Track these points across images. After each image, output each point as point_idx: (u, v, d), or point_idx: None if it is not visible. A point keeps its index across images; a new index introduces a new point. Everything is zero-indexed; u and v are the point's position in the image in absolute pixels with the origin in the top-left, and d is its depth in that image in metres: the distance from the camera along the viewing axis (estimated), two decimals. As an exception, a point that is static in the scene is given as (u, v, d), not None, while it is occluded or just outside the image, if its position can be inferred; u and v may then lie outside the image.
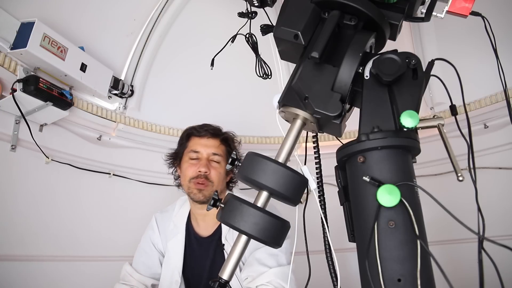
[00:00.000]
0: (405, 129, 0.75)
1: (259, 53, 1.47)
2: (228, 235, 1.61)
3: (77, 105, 2.17)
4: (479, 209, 0.74)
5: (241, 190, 1.85)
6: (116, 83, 2.30)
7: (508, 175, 2.22)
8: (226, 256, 1.55)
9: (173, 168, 1.81)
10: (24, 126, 1.89)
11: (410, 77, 0.80)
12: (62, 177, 2.11)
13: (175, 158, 1.79)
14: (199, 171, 1.62)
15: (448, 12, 0.83)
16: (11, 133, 1.87)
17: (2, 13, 1.76)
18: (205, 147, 1.67)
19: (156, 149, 2.45)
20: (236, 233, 0.80)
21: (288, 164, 0.82)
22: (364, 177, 0.74)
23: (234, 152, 0.86)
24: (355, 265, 0.75)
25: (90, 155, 2.26)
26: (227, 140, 1.73)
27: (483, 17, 0.89)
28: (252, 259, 1.52)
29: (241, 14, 1.38)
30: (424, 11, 0.86)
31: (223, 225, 1.64)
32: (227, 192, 1.79)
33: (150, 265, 1.73)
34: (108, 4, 2.24)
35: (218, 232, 1.66)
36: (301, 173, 0.81)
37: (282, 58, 0.95)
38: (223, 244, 1.60)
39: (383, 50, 0.85)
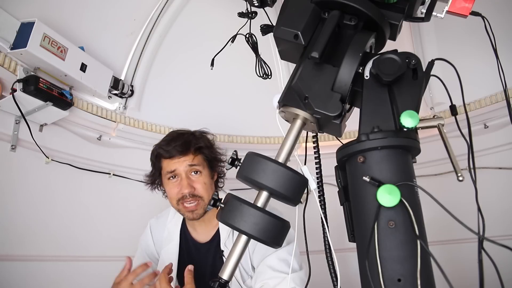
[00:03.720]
0: (405, 129, 0.75)
1: (259, 53, 1.47)
2: (228, 242, 1.57)
3: (77, 105, 2.17)
4: (479, 209, 0.74)
5: (231, 191, 1.83)
6: (116, 83, 2.30)
7: (508, 175, 2.22)
8: None
9: (155, 187, 1.72)
10: (24, 126, 1.89)
11: (410, 77, 0.80)
12: (62, 177, 2.11)
13: (154, 181, 1.69)
14: (183, 193, 1.53)
15: (448, 12, 0.83)
16: (11, 133, 1.87)
17: (2, 13, 1.76)
18: (179, 163, 1.55)
19: (156, 149, 2.45)
20: (235, 238, 0.80)
21: (288, 164, 0.82)
22: (364, 177, 0.74)
23: (234, 152, 0.86)
24: (355, 265, 0.75)
25: (90, 155, 2.26)
26: (200, 149, 1.60)
27: (483, 17, 0.89)
28: (264, 267, 1.46)
29: (241, 14, 1.38)
30: (424, 11, 0.86)
31: (221, 231, 1.59)
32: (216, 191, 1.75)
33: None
34: (108, 4, 2.24)
35: (216, 237, 1.62)
36: (301, 173, 0.81)
37: (282, 58, 0.95)
38: (223, 251, 1.56)
39: (383, 50, 0.85)
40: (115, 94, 2.39)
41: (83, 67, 2.04)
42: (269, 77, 1.55)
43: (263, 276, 1.45)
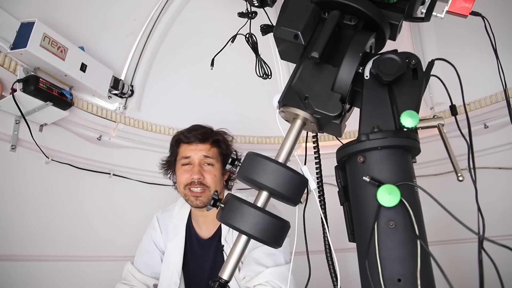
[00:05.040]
0: (405, 129, 0.75)
1: (259, 53, 1.46)
2: (228, 237, 1.61)
3: (77, 105, 2.17)
4: (479, 209, 0.74)
5: (238, 190, 1.84)
6: (116, 83, 2.30)
7: (508, 175, 2.22)
8: (225, 257, 1.55)
9: (169, 174, 1.79)
10: (24, 126, 1.88)
11: (410, 77, 0.80)
12: (62, 177, 2.11)
13: (169, 166, 1.77)
14: (193, 178, 1.60)
15: (448, 12, 0.83)
16: (11, 133, 1.87)
17: (2, 13, 1.76)
18: (195, 151, 1.64)
19: (156, 149, 2.45)
20: (235, 234, 0.80)
21: (288, 164, 0.82)
22: (364, 177, 0.74)
23: (234, 152, 0.86)
24: (355, 265, 0.75)
25: (90, 155, 2.26)
26: (218, 142, 1.69)
27: (483, 17, 0.89)
28: (249, 259, 1.51)
29: (241, 14, 1.38)
30: (424, 11, 0.86)
31: (223, 226, 1.63)
32: (226, 191, 1.78)
33: (152, 265, 1.73)
34: (108, 4, 2.24)
35: (218, 233, 1.66)
36: (301, 173, 0.81)
37: (282, 58, 0.95)
38: (223, 245, 1.59)
39: (383, 50, 0.85)
40: (115, 94, 2.39)
41: (83, 67, 2.04)
42: (269, 77, 1.54)
43: (247, 267, 1.50)
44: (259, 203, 0.80)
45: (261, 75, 1.51)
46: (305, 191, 0.81)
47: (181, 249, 1.67)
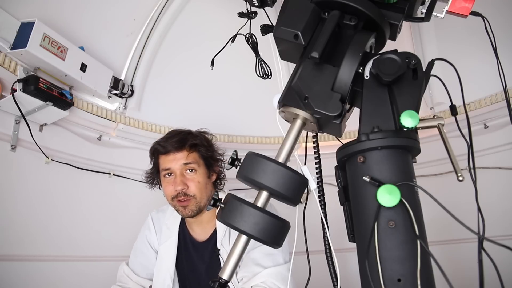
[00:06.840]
0: (405, 129, 0.75)
1: (259, 53, 1.47)
2: (224, 241, 1.58)
3: (77, 105, 2.16)
4: (479, 209, 0.74)
5: (235, 191, 1.83)
6: (116, 83, 2.30)
7: (508, 175, 2.22)
8: (221, 261, 1.55)
9: (156, 185, 1.76)
10: (24, 126, 1.88)
11: (410, 77, 0.80)
12: (61, 177, 2.11)
13: (154, 179, 1.75)
14: (176, 190, 1.57)
15: (448, 12, 0.83)
16: (11, 133, 1.87)
17: (2, 13, 1.76)
18: (174, 161, 1.60)
19: (156, 149, 2.45)
20: (232, 238, 0.80)
21: (288, 164, 0.82)
22: (364, 177, 0.74)
23: (234, 152, 0.86)
24: (355, 265, 0.75)
25: (90, 155, 2.26)
26: (195, 146, 1.64)
27: (483, 17, 0.89)
28: (247, 259, 1.50)
29: (241, 14, 1.38)
30: (424, 11, 0.86)
31: (218, 230, 1.61)
32: (215, 191, 1.76)
33: (148, 266, 1.72)
34: (108, 4, 2.24)
35: (214, 236, 1.63)
36: (301, 173, 0.81)
37: (282, 58, 0.95)
38: (219, 249, 1.57)
39: (383, 50, 0.85)
40: (115, 94, 2.39)
41: (83, 67, 2.04)
42: (269, 77, 1.54)
43: (245, 268, 1.48)
44: (259, 203, 0.80)
45: (261, 75, 1.51)
46: (305, 191, 0.81)
47: (174, 252, 1.65)
